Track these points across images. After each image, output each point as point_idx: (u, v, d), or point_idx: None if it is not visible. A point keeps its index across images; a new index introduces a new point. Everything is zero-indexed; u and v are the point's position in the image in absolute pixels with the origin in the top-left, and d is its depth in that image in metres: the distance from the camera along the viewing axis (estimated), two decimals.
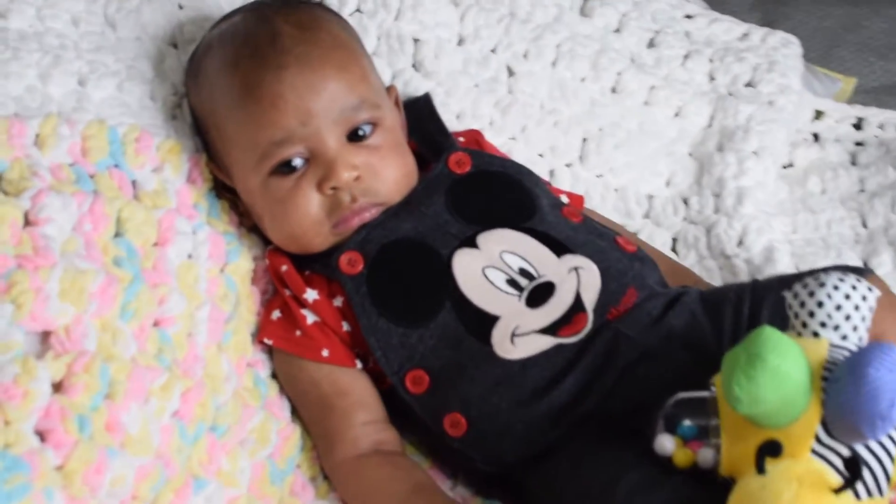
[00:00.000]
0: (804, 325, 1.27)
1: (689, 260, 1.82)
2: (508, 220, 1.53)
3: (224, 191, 1.61)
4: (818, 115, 2.01)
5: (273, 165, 1.50)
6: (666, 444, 1.27)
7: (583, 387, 1.41)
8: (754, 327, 1.32)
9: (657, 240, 1.85)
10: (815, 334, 1.27)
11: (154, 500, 1.27)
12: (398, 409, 1.51)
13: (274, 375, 1.56)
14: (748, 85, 1.95)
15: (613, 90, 1.89)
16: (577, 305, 1.46)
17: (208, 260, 1.51)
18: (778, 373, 1.16)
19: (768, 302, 1.44)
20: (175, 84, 1.65)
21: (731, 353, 1.20)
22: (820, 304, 1.26)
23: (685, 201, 1.89)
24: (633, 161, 1.87)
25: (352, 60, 1.56)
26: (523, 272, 1.48)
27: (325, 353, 1.50)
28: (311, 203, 1.51)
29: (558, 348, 1.43)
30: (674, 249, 1.86)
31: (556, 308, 1.46)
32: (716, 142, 1.91)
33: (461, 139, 1.70)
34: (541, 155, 1.85)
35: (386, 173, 1.53)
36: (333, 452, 1.49)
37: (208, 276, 1.51)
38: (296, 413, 1.55)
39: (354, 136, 1.52)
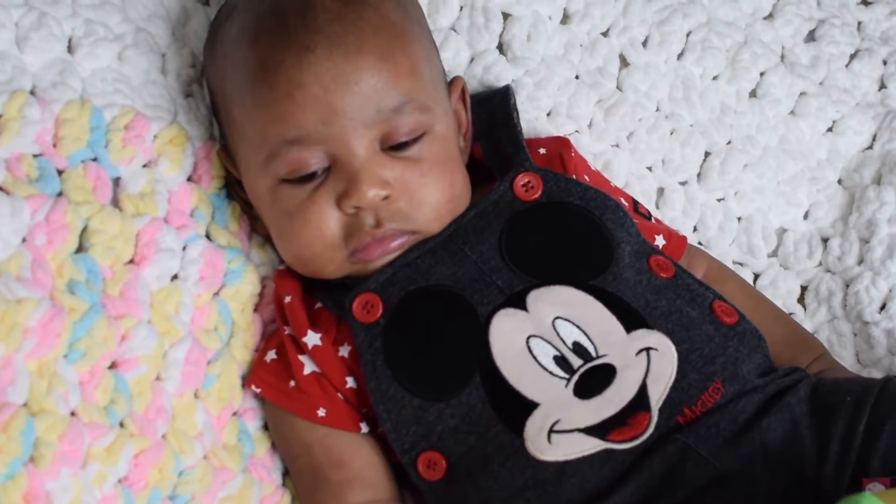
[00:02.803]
0: None
1: (817, 317, 1.66)
2: (573, 274, 1.33)
3: (239, 189, 1.42)
4: None
5: (284, 169, 1.31)
6: None
7: None
8: (869, 454, 1.22)
9: (782, 287, 1.68)
10: None
11: None
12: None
13: (265, 427, 1.41)
14: None
15: (753, 94, 1.73)
16: (640, 402, 1.25)
17: (199, 283, 1.37)
18: None
19: (893, 419, 1.22)
20: (196, 53, 1.47)
21: None
22: None
23: (824, 242, 1.72)
24: (765, 185, 1.70)
25: (400, 48, 1.34)
26: (578, 348, 1.28)
27: (321, 412, 1.34)
28: (326, 222, 1.32)
29: (607, 455, 1.23)
30: (801, 301, 1.69)
31: (611, 402, 1.25)
32: (874, 171, 1.72)
33: (541, 150, 1.49)
34: (649, 168, 1.67)
35: (424, 195, 1.34)
36: None
37: (195, 304, 1.36)
38: (288, 475, 1.41)
39: (391, 145, 1.32)
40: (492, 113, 1.49)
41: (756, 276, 1.69)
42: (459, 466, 1.27)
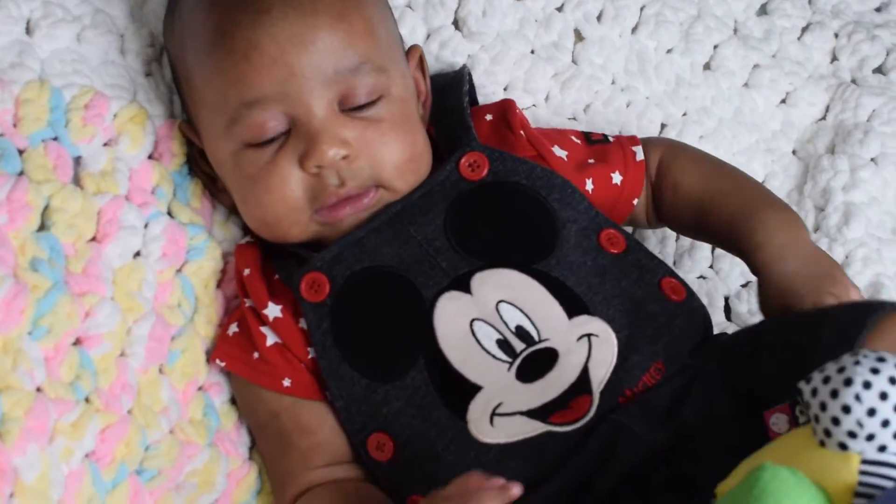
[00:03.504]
0: (827, 433, 1.04)
1: None
2: (518, 256, 1.32)
3: (204, 164, 1.42)
4: None
5: (245, 133, 1.32)
6: None
7: (570, 490, 1.21)
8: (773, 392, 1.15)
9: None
10: (842, 446, 1.03)
11: None
12: None
13: (233, 401, 1.40)
14: (878, 71, 1.77)
15: (707, 67, 1.73)
16: (582, 385, 1.25)
17: (161, 260, 1.37)
18: None
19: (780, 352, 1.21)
20: (155, 33, 1.47)
21: (729, 496, 1.02)
22: (846, 410, 1.02)
23: None
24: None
25: (355, 9, 1.34)
26: (521, 332, 1.28)
27: (286, 382, 1.33)
28: (289, 183, 1.32)
29: (548, 437, 1.23)
30: None
31: (553, 386, 1.25)
32: (828, 141, 1.73)
33: (488, 117, 1.46)
34: None
35: (384, 154, 1.33)
36: (285, 494, 1.33)
37: (158, 281, 1.36)
38: (255, 448, 1.41)
39: (350, 107, 1.33)
40: (444, 97, 1.47)
41: (713, 248, 1.65)
42: (406, 448, 1.27)
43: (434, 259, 1.31)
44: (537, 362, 1.26)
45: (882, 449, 1.03)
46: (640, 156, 1.47)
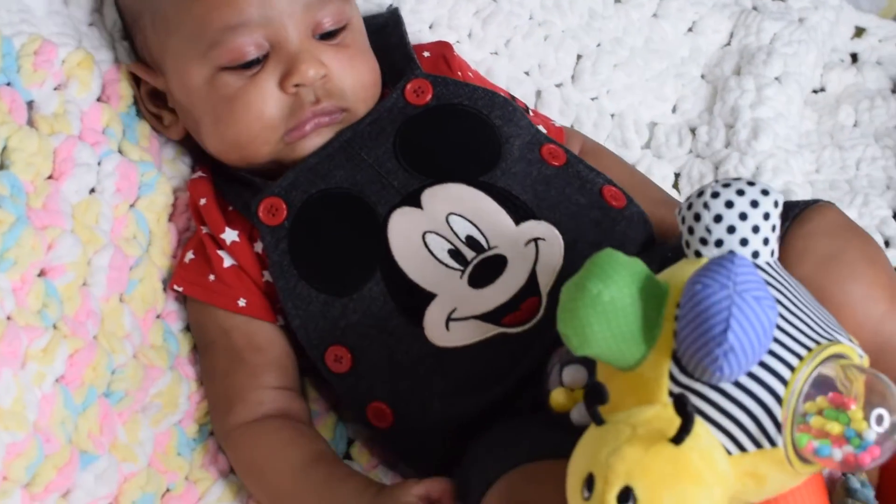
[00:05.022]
0: (687, 244, 1.11)
1: None
2: (464, 171, 1.37)
3: (150, 104, 1.46)
4: (859, 32, 1.88)
5: (226, 56, 1.36)
6: (555, 395, 1.18)
7: (523, 382, 1.27)
8: None
9: (656, 174, 1.71)
10: (698, 254, 1.10)
11: (31, 481, 1.19)
12: None
13: (188, 328, 1.44)
14: None
15: (617, 0, 1.78)
16: (530, 288, 1.30)
17: (115, 195, 1.40)
18: (600, 301, 1.02)
19: None
20: None
21: (565, 285, 1.05)
22: (697, 217, 1.09)
23: (693, 131, 1.76)
24: (634, 83, 1.74)
25: None
26: (471, 241, 1.33)
27: (241, 302, 1.38)
28: (269, 102, 1.36)
29: (502, 339, 1.28)
30: (675, 186, 1.73)
31: (503, 290, 1.30)
32: (733, 64, 1.78)
33: (426, 54, 1.53)
34: (527, 73, 1.72)
35: (355, 76, 1.39)
36: (231, 414, 1.36)
37: (114, 215, 1.39)
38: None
39: (321, 34, 1.39)
40: (385, 36, 1.51)
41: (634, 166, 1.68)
42: (364, 358, 1.31)
43: (385, 179, 1.36)
44: (488, 269, 1.30)
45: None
46: (558, 123, 1.55)
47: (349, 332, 1.32)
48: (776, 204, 1.09)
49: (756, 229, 1.08)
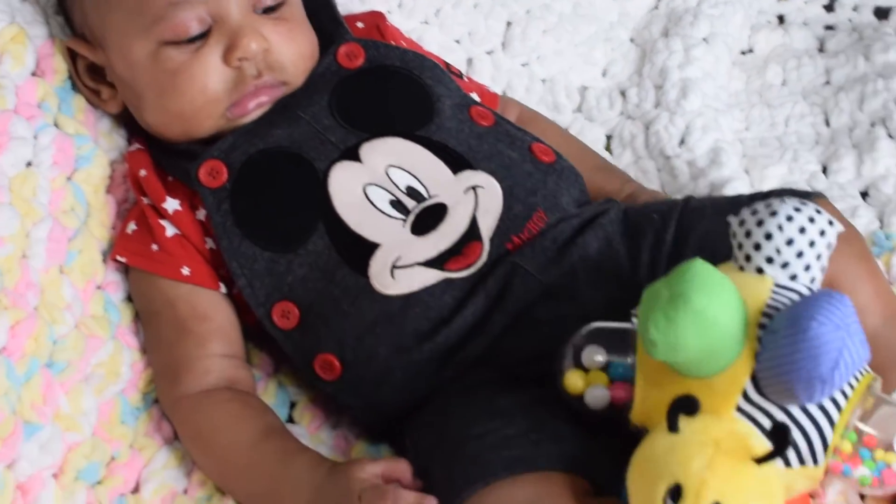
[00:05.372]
0: (748, 258, 1.16)
1: (623, 160, 1.72)
2: (400, 126, 1.39)
3: (88, 79, 1.46)
4: None
5: (169, 32, 1.36)
6: (570, 376, 1.20)
7: (470, 330, 1.29)
8: (676, 259, 1.25)
9: (588, 137, 1.72)
10: (760, 270, 1.16)
11: None
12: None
13: (129, 299, 1.43)
14: None
15: None
16: (472, 233, 1.32)
17: (52, 167, 1.39)
18: (703, 317, 1.06)
19: (697, 230, 1.33)
20: None
21: (652, 288, 1.10)
22: (768, 236, 1.15)
23: (623, 94, 1.78)
24: (564, 48, 1.76)
25: None
26: (411, 191, 1.35)
27: (185, 270, 1.38)
28: (212, 76, 1.37)
29: (446, 284, 1.30)
30: (608, 148, 1.75)
31: (445, 236, 1.32)
32: (661, 26, 1.81)
33: (359, 24, 1.55)
34: (457, 41, 1.74)
35: (294, 49, 1.40)
36: (178, 384, 1.35)
37: (51, 188, 1.38)
38: None
39: (262, 9, 1.40)
40: (311, 2, 1.51)
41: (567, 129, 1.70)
42: (311, 312, 1.32)
43: (323, 135, 1.37)
44: (429, 217, 1.32)
45: (793, 278, 1.14)
46: (493, 90, 1.57)
47: (295, 288, 1.33)
48: (837, 235, 1.16)
49: (819, 257, 1.15)
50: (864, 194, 1.64)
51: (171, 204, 1.38)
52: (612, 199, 1.43)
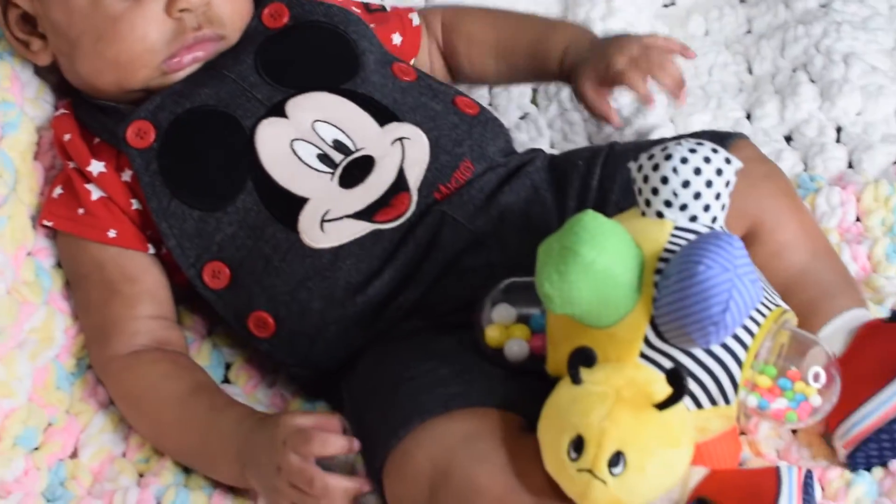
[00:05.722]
0: (648, 203, 1.17)
1: (549, 113, 1.71)
2: (325, 81, 1.39)
3: (17, 29, 1.44)
4: None
5: None
6: (489, 330, 1.22)
7: (402, 280, 1.30)
8: (602, 205, 1.30)
9: (514, 91, 1.73)
10: (660, 214, 1.16)
11: None
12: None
13: (60, 265, 1.43)
14: None
15: None
16: (399, 184, 1.33)
17: None
18: (593, 269, 1.07)
19: (623, 173, 1.32)
20: None
21: (546, 243, 1.10)
22: (664, 180, 1.15)
23: None
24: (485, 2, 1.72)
25: None
26: (338, 145, 1.35)
27: (111, 233, 1.37)
28: (152, 25, 1.36)
29: (375, 235, 1.31)
30: (533, 101, 1.74)
31: (373, 188, 1.32)
32: None
33: None
34: None
35: (233, 4, 1.40)
36: (108, 345, 1.35)
37: None
38: None
39: None
40: None
41: (490, 87, 1.72)
42: (242, 271, 1.32)
43: (249, 92, 1.37)
44: (357, 169, 1.33)
45: (693, 219, 1.15)
46: (416, 21, 1.55)
47: (226, 246, 1.33)
48: (736, 173, 1.16)
49: (718, 196, 1.15)
50: (788, 138, 1.66)
51: (96, 167, 1.38)
52: (536, 148, 1.45)
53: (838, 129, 1.66)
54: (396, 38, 1.51)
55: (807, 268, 1.30)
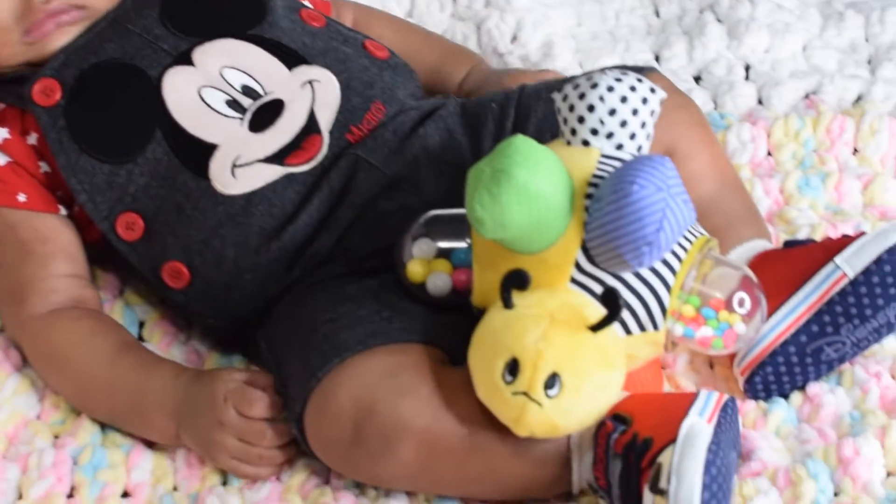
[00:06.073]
0: (573, 132, 1.17)
1: None
2: (232, 27, 1.37)
3: None
4: None
5: None
6: (411, 266, 1.21)
7: (317, 225, 1.29)
8: None
9: None
10: (586, 143, 1.16)
11: None
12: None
13: None
14: None
15: None
16: (310, 126, 1.32)
17: None
18: (526, 190, 1.07)
19: (536, 113, 1.33)
20: None
21: (476, 167, 1.10)
22: (591, 108, 1.15)
23: None
24: None
25: None
26: (247, 90, 1.34)
27: (21, 197, 1.35)
28: (3, 5, 1.34)
29: (288, 179, 1.30)
30: None
31: (284, 131, 1.31)
32: None
33: None
34: None
35: None
36: (24, 305, 1.34)
37: None
38: None
39: None
40: None
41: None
42: (155, 221, 1.31)
43: (155, 44, 1.35)
44: (267, 114, 1.31)
45: (619, 147, 1.15)
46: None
47: (138, 197, 1.31)
48: (661, 102, 1.16)
49: (643, 125, 1.15)
50: (697, 78, 1.67)
51: (1, 133, 1.36)
52: (449, 95, 1.45)
53: (747, 68, 1.68)
54: (306, 2, 1.50)
55: (714, 198, 1.31)
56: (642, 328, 1.13)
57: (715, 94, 1.63)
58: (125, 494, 1.25)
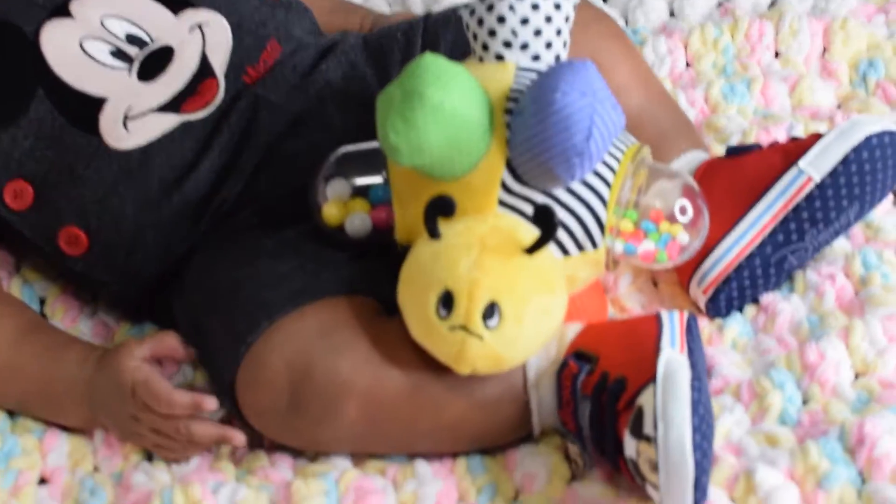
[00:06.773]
0: (485, 47, 1.12)
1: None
2: None
3: None
4: None
5: None
6: (326, 209, 1.15)
7: (220, 172, 1.23)
8: None
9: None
10: (500, 57, 1.10)
11: None
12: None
13: None
14: None
15: None
16: (204, 71, 1.26)
17: None
18: (441, 110, 1.01)
19: (446, 39, 1.28)
20: None
21: (385, 92, 1.05)
22: (501, 20, 1.10)
23: None
24: None
25: None
26: (132, 39, 1.26)
27: None
28: None
29: (185, 128, 1.23)
30: None
31: (176, 78, 1.25)
32: None
33: None
34: None
35: None
36: None
37: None
38: None
39: None
40: None
41: None
42: (46, 185, 1.25)
43: None
44: (156, 61, 1.25)
45: (536, 58, 1.09)
46: None
47: (25, 162, 1.24)
48: (574, 7, 1.11)
49: (559, 32, 1.10)
50: None
51: None
52: (347, 31, 1.38)
53: None
54: None
55: (642, 111, 1.27)
56: (580, 247, 1.07)
57: (625, 10, 1.59)
58: (42, 481, 1.18)
